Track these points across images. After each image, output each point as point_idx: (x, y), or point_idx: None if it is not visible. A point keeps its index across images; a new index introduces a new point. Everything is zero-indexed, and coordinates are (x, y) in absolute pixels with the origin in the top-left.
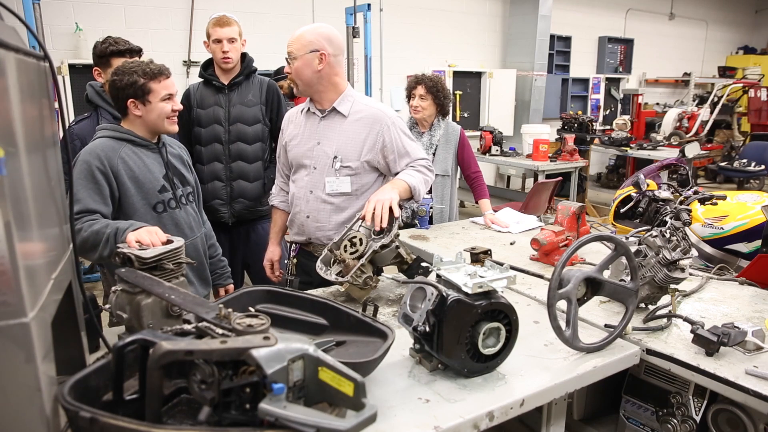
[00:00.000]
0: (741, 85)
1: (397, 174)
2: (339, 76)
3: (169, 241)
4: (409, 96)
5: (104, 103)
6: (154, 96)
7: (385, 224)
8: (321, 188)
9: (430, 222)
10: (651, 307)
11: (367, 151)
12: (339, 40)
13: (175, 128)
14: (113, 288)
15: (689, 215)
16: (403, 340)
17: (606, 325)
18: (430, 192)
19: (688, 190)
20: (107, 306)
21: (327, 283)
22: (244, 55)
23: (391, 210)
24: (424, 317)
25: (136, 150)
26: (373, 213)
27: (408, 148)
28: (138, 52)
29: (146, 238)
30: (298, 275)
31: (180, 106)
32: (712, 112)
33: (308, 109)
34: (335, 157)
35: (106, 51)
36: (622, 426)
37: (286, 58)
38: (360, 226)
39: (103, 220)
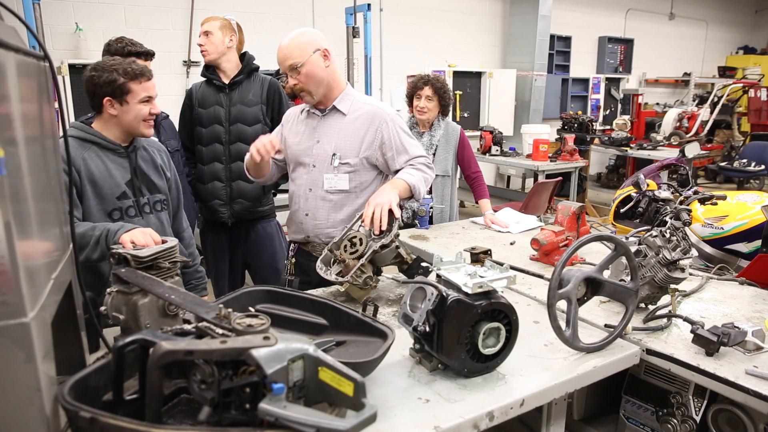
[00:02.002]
0: (741, 85)
1: (396, 172)
2: (338, 73)
3: (163, 241)
4: (412, 95)
5: None
6: (133, 97)
7: (384, 227)
8: (320, 186)
9: (430, 222)
10: (651, 307)
11: (366, 147)
12: (323, 36)
13: (151, 132)
14: (108, 289)
15: (689, 215)
16: (403, 340)
17: (606, 325)
18: (430, 192)
19: (688, 190)
20: (103, 308)
21: (326, 283)
22: (244, 54)
23: (391, 211)
24: (424, 317)
25: (101, 153)
26: (372, 216)
27: (407, 146)
28: (152, 55)
29: (141, 239)
30: (296, 275)
31: (158, 110)
32: (712, 112)
33: (308, 109)
34: (334, 155)
35: (123, 50)
36: (622, 426)
37: (289, 72)
38: (360, 226)
39: (86, 223)
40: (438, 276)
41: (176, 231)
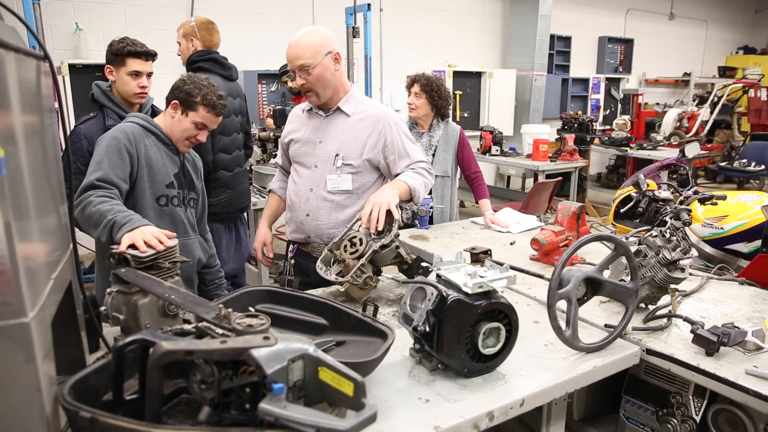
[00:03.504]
0: (741, 85)
1: (397, 176)
2: (345, 75)
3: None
4: (408, 95)
5: (110, 103)
6: (194, 116)
7: (381, 227)
8: (322, 186)
9: (430, 222)
10: (651, 307)
11: (369, 149)
12: (336, 38)
13: (186, 150)
14: (108, 290)
15: (689, 215)
16: (403, 340)
17: (606, 325)
18: (430, 192)
19: (688, 190)
20: (103, 308)
21: (325, 283)
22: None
23: (390, 212)
24: (424, 317)
25: (158, 144)
26: (370, 215)
27: (408, 150)
28: (153, 56)
29: (140, 242)
30: (295, 276)
31: (203, 140)
32: (712, 112)
33: (311, 108)
34: (337, 155)
35: (123, 50)
36: (622, 426)
37: (299, 71)
38: (360, 226)
39: (110, 203)
40: (438, 276)
41: (202, 232)
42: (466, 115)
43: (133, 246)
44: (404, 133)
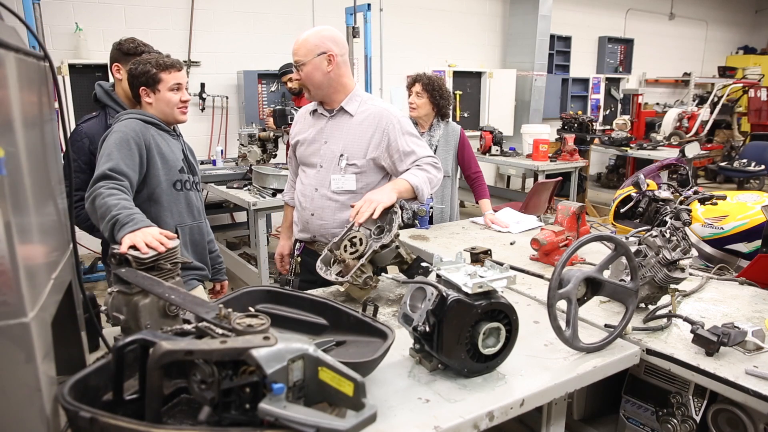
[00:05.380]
0: (741, 85)
1: (402, 173)
2: (347, 76)
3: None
4: (409, 95)
5: (112, 103)
6: (163, 85)
7: (361, 220)
8: (327, 186)
9: (430, 222)
10: (651, 307)
11: (373, 149)
12: (343, 40)
13: (185, 117)
14: (109, 290)
15: (689, 215)
16: (403, 340)
17: (606, 325)
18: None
19: (688, 190)
20: (104, 308)
21: (330, 283)
22: None
23: (388, 210)
24: (424, 317)
25: (161, 133)
26: (361, 208)
27: (414, 147)
28: None
29: (141, 243)
30: (301, 274)
31: (188, 97)
32: (712, 112)
33: (316, 109)
34: (341, 155)
35: (137, 50)
36: (622, 426)
37: (294, 66)
38: (360, 226)
39: (118, 197)
40: (438, 276)
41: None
42: (466, 115)
43: (134, 247)
44: (407, 131)
